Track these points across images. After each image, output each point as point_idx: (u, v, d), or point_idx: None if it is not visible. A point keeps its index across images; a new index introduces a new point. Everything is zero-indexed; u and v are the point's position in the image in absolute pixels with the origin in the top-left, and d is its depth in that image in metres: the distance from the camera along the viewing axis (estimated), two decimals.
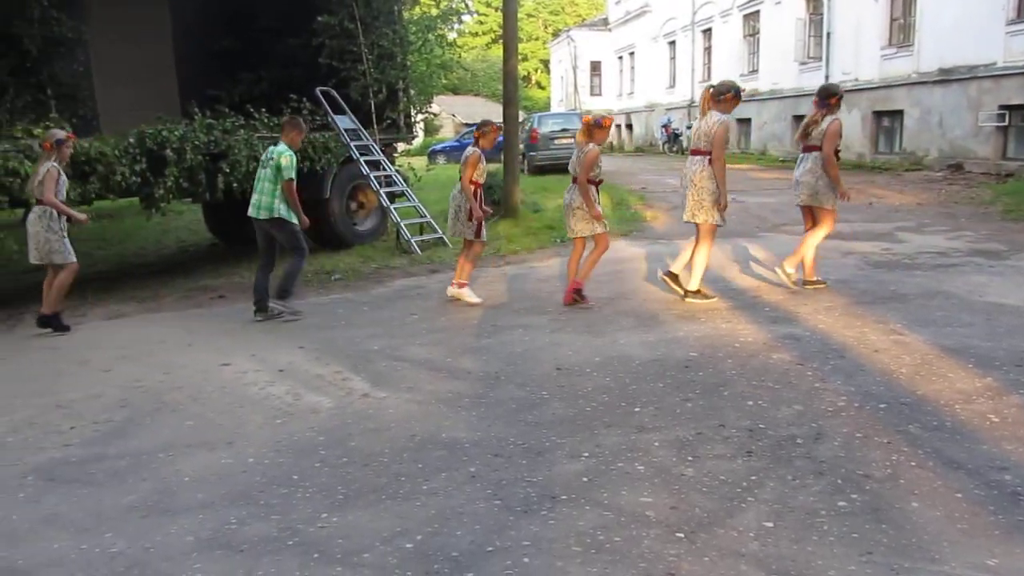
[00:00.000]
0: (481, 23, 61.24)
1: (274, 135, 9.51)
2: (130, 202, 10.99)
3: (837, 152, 6.93)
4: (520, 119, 27.51)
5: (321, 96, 10.76)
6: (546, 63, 57.56)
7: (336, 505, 3.49)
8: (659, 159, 28.31)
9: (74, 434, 4.51)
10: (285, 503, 3.53)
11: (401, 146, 13.42)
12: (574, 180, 6.82)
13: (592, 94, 43.33)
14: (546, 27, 64.05)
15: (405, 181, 11.28)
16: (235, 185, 8.88)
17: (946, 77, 17.26)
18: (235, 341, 6.36)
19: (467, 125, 42.76)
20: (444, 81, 16.21)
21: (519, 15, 14.30)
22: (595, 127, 6.76)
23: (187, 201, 10.86)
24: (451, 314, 6.97)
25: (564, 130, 23.55)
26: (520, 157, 19.34)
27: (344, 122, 10.67)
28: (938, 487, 3.38)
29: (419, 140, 36.18)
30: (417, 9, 14.31)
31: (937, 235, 9.82)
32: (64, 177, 6.84)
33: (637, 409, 4.45)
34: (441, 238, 10.67)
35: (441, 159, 33.99)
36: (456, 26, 14.99)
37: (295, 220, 6.98)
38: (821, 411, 4.28)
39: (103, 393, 5.19)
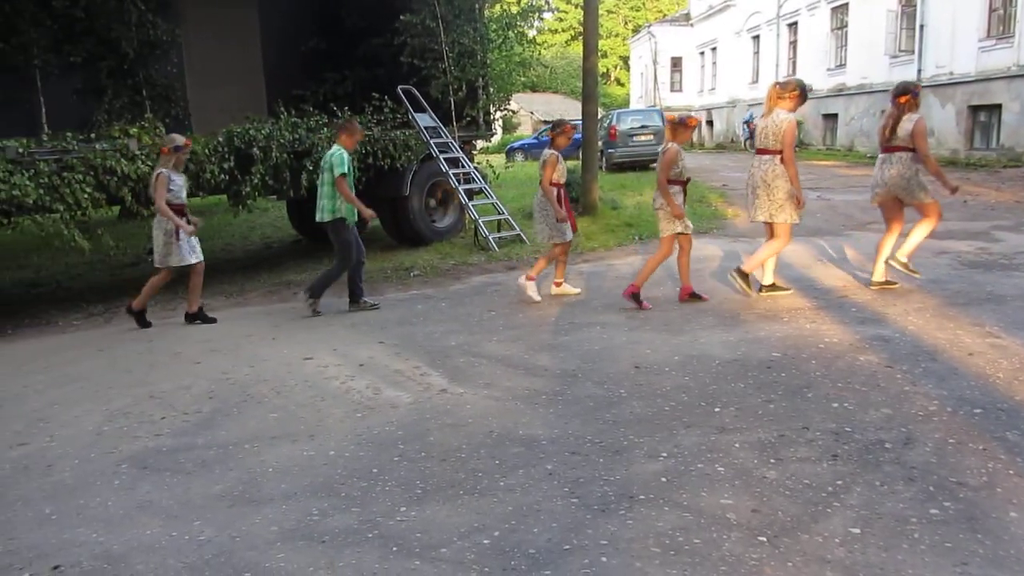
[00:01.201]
0: (561, 20, 61.12)
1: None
2: (218, 199, 11.35)
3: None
4: (599, 116, 27.44)
5: (402, 94, 10.90)
6: (626, 59, 57.12)
7: (415, 499, 3.52)
8: (740, 156, 27.76)
9: (165, 424, 4.67)
10: (365, 496, 3.58)
11: (480, 143, 13.47)
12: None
13: (672, 90, 42.82)
14: (626, 23, 63.52)
15: (483, 178, 11.33)
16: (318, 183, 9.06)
17: None
18: (317, 336, 6.50)
19: (545, 122, 42.77)
20: (523, 79, 16.18)
21: (599, 11, 14.21)
22: (679, 126, 6.66)
23: (272, 198, 11.16)
24: (528, 311, 6.97)
25: (643, 127, 23.37)
26: (599, 154, 19.24)
27: (424, 120, 10.78)
28: None
29: (497, 137, 36.37)
30: (497, 7, 14.34)
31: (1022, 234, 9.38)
32: (179, 180, 7.10)
33: (717, 409, 4.37)
34: (519, 235, 10.69)
35: (519, 156, 34.04)
36: (536, 23, 14.94)
37: (353, 223, 7.16)
38: (911, 415, 4.13)
39: (193, 385, 5.36)
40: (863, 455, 3.70)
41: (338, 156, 7.02)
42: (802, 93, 6.57)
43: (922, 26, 21.11)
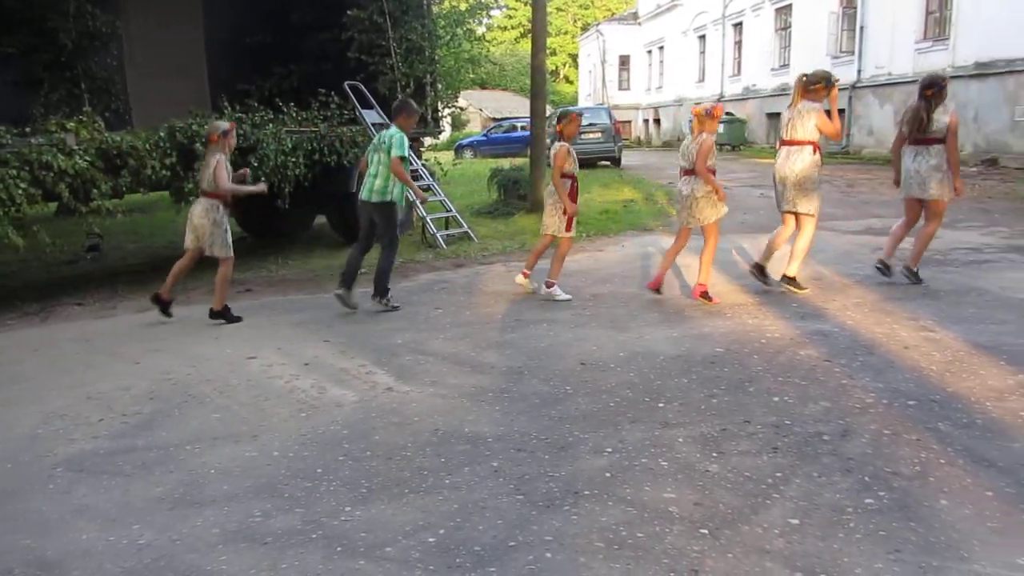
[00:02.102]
0: (510, 17, 61.22)
1: (302, 129, 9.59)
2: (161, 195, 11.11)
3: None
4: (548, 114, 27.51)
5: (349, 90, 10.81)
6: (575, 57, 57.42)
7: (359, 499, 3.50)
8: None
9: (103, 426, 4.56)
10: (309, 496, 3.55)
11: (428, 140, 13.42)
12: (687, 172, 6.72)
13: (620, 88, 43.18)
14: (575, 21, 63.83)
15: (432, 176, 11.29)
16: (263, 179, 8.94)
17: (983, 71, 16.98)
18: (262, 334, 6.41)
19: (494, 120, 42.82)
20: (472, 75, 16.21)
21: (548, 9, 14.26)
22: (706, 117, 6.67)
23: None
24: (476, 308, 6.96)
25: (591, 125, 23.45)
26: (547, 151, 19.32)
27: (372, 116, 10.70)
28: (968, 485, 3.32)
29: (446, 135, 36.27)
30: (447, 3, 14.32)
31: (971, 231, 9.66)
32: (229, 167, 6.96)
33: (661, 405, 4.42)
34: (467, 233, 10.68)
35: (468, 153, 33.98)
36: (485, 20, 14.93)
37: (401, 207, 7.08)
38: (849, 408, 4.23)
39: (132, 385, 5.25)
40: (802, 447, 3.77)
41: (398, 137, 6.83)
42: (828, 85, 6.71)
43: (862, 28, 21.64)
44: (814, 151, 6.62)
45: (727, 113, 29.12)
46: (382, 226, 7.09)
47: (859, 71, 21.77)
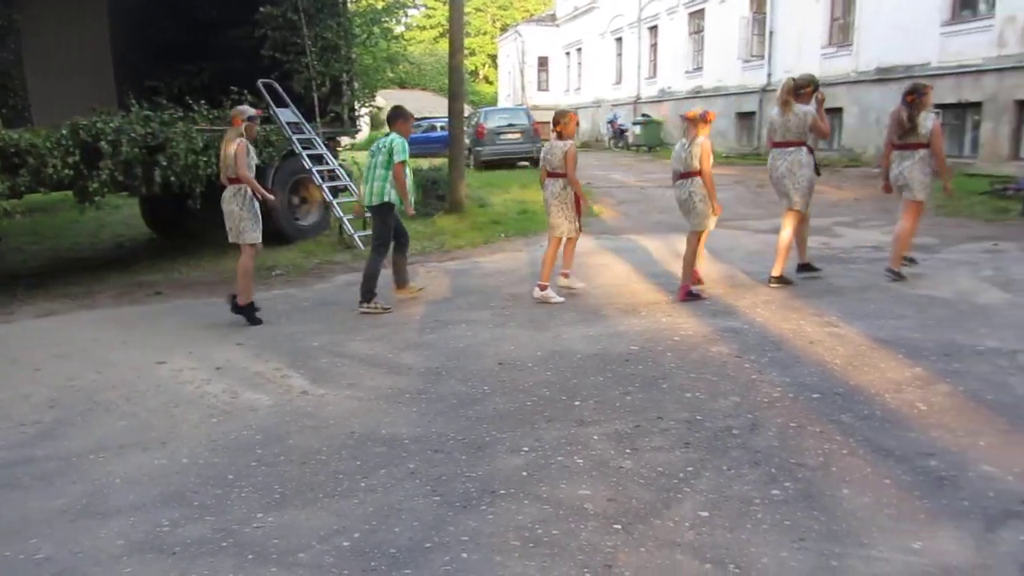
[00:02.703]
0: (429, 16, 60.90)
1: (215, 128, 9.34)
2: (64, 195, 10.69)
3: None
4: (467, 114, 27.40)
5: (263, 89, 10.59)
6: (494, 58, 57.50)
7: (272, 504, 3.44)
8: (606, 155, 28.43)
9: (0, 436, 4.36)
10: (220, 504, 3.47)
11: (345, 140, 13.24)
12: (682, 176, 6.81)
13: (540, 89, 43.41)
14: (494, 22, 63.94)
15: (348, 175, 11.15)
16: (173, 179, 8.69)
17: (884, 76, 17.66)
18: (172, 339, 6.23)
19: (414, 120, 42.45)
20: (390, 75, 16.03)
21: (467, 9, 14.25)
22: (700, 121, 6.77)
23: (124, 195, 10.61)
24: (394, 309, 6.91)
25: (511, 125, 23.56)
26: (466, 152, 19.29)
27: (286, 115, 10.51)
28: (868, 474, 3.46)
29: (364, 134, 35.83)
30: (363, 1, 14.16)
31: (873, 230, 10.05)
32: (253, 153, 6.73)
33: (578, 403, 4.47)
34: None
35: None
36: (403, 19, 14.84)
37: (395, 210, 6.99)
38: (757, 402, 4.35)
39: (32, 393, 5.04)
40: (712, 442, 3.87)
41: (399, 143, 6.84)
42: (816, 88, 7.07)
43: (771, 32, 22.25)
44: (809, 151, 6.97)
45: (643, 115, 29.66)
46: (377, 227, 7.08)
47: (769, 75, 22.37)
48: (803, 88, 7.02)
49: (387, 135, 7.02)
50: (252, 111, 6.88)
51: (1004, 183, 12.14)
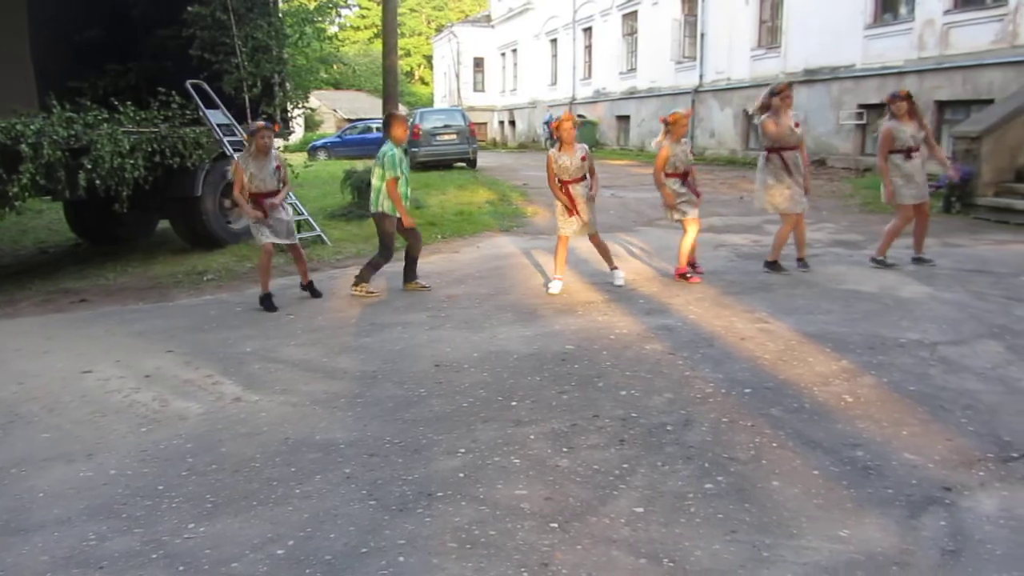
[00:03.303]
0: (363, 17, 60.44)
1: (141, 130, 9.12)
2: None
3: (892, 152, 7.44)
4: (404, 115, 27.18)
5: (192, 90, 10.36)
6: (430, 59, 57.34)
7: (204, 514, 3.37)
8: (542, 155, 28.59)
9: None
10: (149, 515, 3.38)
11: (279, 142, 13.03)
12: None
13: (476, 90, 43.45)
14: (429, 22, 63.78)
15: None
16: (99, 182, 8.44)
17: (811, 77, 18.13)
18: (98, 347, 6.05)
19: (349, 120, 42.17)
20: (324, 76, 15.87)
21: (401, 10, 14.17)
22: (674, 124, 7.30)
23: (47, 199, 10.28)
24: (329, 313, 6.84)
25: (447, 126, 23.52)
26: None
27: (217, 117, 10.30)
28: (797, 466, 3.55)
29: (299, 136, 35.35)
30: (295, 1, 13.97)
31: None
32: (256, 165, 7.00)
33: (514, 403, 4.48)
34: (320, 236, 10.46)
35: (322, 155, 33.28)
36: (336, 20, 14.70)
37: (391, 218, 7.35)
38: (691, 398, 4.42)
39: None
40: (647, 438, 3.92)
41: (389, 157, 7.12)
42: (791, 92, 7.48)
43: (703, 35, 22.67)
44: (766, 156, 7.54)
45: (579, 115, 29.86)
46: (378, 233, 7.53)
47: (701, 76, 22.80)
48: (790, 96, 7.44)
49: (384, 147, 7.30)
50: (256, 125, 7.19)
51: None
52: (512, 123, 39.81)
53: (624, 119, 28.13)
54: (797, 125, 7.42)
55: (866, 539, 2.95)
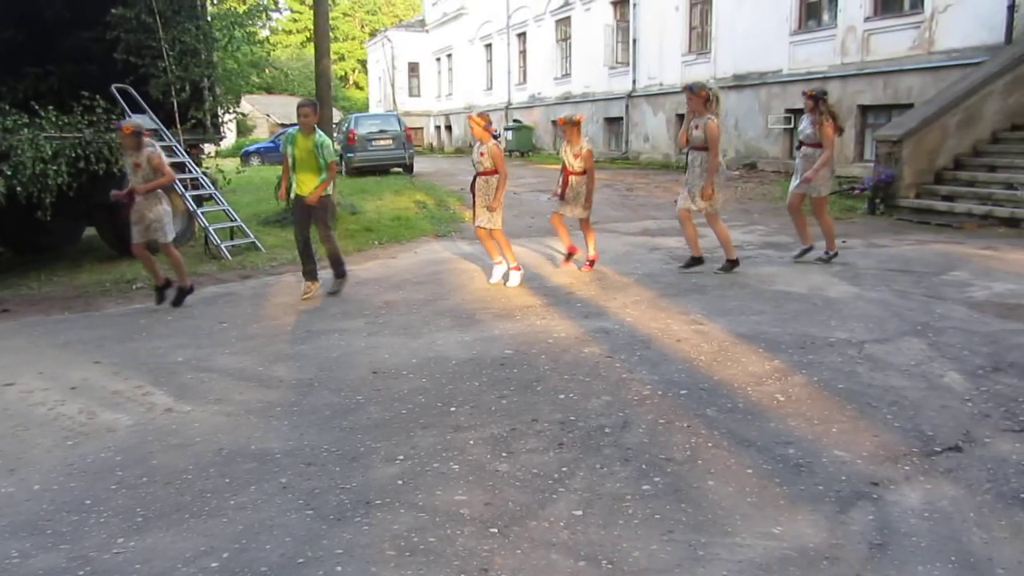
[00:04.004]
0: (296, 20, 59.66)
1: (64, 135, 8.84)
2: None
3: None
4: (337, 120, 26.94)
5: (117, 94, 10.10)
6: (364, 63, 56.90)
7: (134, 528, 3.27)
8: None
9: None
10: (76, 530, 3.28)
11: (209, 147, 12.77)
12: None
13: (411, 95, 43.27)
14: (363, 27, 63.31)
15: (213, 184, 10.78)
16: (20, 189, 8.16)
17: (740, 83, 18.53)
18: (21, 359, 5.84)
19: (282, 125, 41.55)
20: (256, 80, 15.56)
21: (334, 13, 14.02)
22: (567, 124, 7.87)
23: None
24: (264, 321, 6.72)
25: (382, 132, 23.37)
26: (337, 159, 19.04)
27: (144, 121, 10.04)
28: (732, 465, 3.61)
29: (230, 141, 34.69)
30: (224, 4, 13.70)
31: (733, 230, 10.44)
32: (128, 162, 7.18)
33: (453, 409, 4.47)
34: (254, 242, 10.28)
35: (255, 160, 32.73)
36: (268, 23, 14.45)
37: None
38: (628, 400, 4.47)
39: None
40: (586, 441, 3.95)
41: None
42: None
43: (635, 40, 22.98)
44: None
45: (515, 120, 29.98)
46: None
47: (634, 81, 23.10)
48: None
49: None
50: (121, 123, 7.26)
51: (851, 183, 12.95)
52: (448, 128, 39.75)
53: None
54: (697, 127, 7.57)
55: (798, 535, 3.02)
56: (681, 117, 21.07)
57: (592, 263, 8.17)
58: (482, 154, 7.51)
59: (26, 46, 10.92)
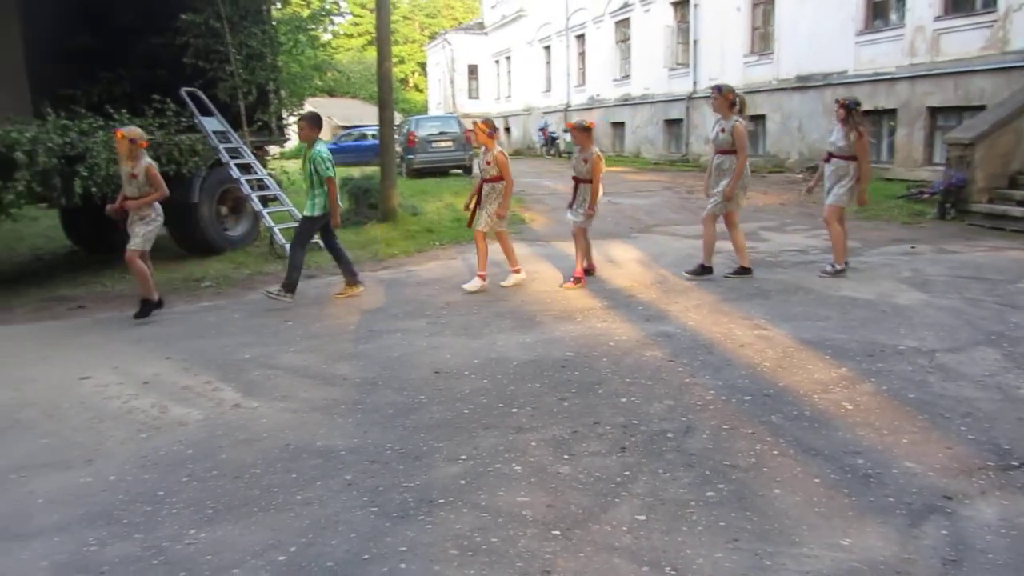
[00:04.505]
0: (356, 24, 60.46)
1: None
2: None
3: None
4: (397, 122, 27.21)
5: (187, 97, 10.37)
6: (424, 66, 57.40)
7: (205, 520, 3.36)
8: (537, 162, 28.67)
9: None
10: (149, 521, 3.37)
11: (274, 149, 13.03)
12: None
13: (470, 97, 43.50)
14: (423, 30, 63.86)
15: (278, 185, 10.99)
16: (94, 189, 8.42)
17: (803, 84, 18.20)
18: (96, 354, 6.03)
19: (343, 128, 42.16)
20: (318, 83, 15.83)
21: (395, 17, 14.19)
22: (577, 130, 7.74)
23: (42, 206, 10.24)
24: (327, 320, 6.83)
25: (442, 133, 23.53)
26: (398, 160, 19.22)
27: (212, 124, 10.30)
28: (798, 473, 3.55)
29: (293, 143, 35.21)
30: (288, 9, 13.96)
31: (797, 234, 10.33)
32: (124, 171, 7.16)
33: (515, 410, 4.48)
34: (316, 243, 10.44)
35: None
36: (330, 27, 14.67)
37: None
38: (691, 405, 4.43)
39: None
40: (648, 445, 3.92)
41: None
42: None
43: (695, 41, 22.74)
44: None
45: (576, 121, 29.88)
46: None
47: (694, 83, 22.86)
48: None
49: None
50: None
51: (919, 187, 12.63)
52: (507, 130, 39.85)
53: (619, 125, 28.17)
54: (723, 131, 7.52)
55: (867, 547, 2.96)
56: None
57: (578, 279, 7.63)
58: (488, 162, 7.56)
59: (100, 52, 11.28)
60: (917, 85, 14.89)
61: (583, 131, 7.68)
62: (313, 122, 7.38)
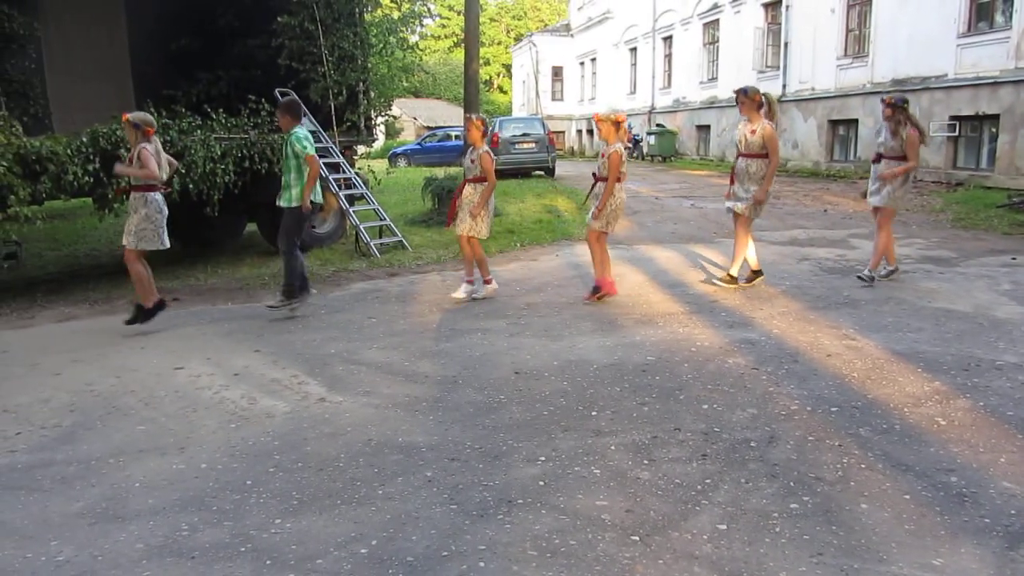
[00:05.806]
0: (444, 26, 61.25)
1: (231, 136, 9.42)
2: (83, 202, 10.80)
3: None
4: None
5: (280, 97, 10.66)
6: (508, 67, 57.68)
7: (290, 511, 3.45)
8: None
9: (20, 440, 4.40)
10: (238, 509, 3.49)
11: (361, 149, 13.30)
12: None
13: (554, 99, 43.48)
14: (509, 32, 64.19)
15: (365, 184, 11.21)
16: (191, 186, 8.75)
17: (900, 88, 17.59)
18: (189, 344, 6.27)
19: (428, 128, 42.72)
20: (405, 84, 16.13)
21: (481, 19, 14.31)
22: (607, 122, 7.23)
23: None
24: (410, 318, 6.93)
25: (525, 135, 23.57)
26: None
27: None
28: (887, 489, 3.44)
29: (380, 143, 35.92)
30: (379, 11, 14.24)
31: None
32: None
33: (594, 413, 4.47)
34: (401, 241, 10.62)
35: (402, 162, 33.76)
36: (418, 29, 14.94)
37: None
38: (775, 415, 4.34)
39: (52, 397, 5.08)
40: (730, 454, 3.86)
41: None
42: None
43: (786, 43, 22.24)
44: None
45: (658, 125, 29.64)
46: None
47: (784, 86, 22.36)
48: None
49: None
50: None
51: (1022, 196, 12.08)
52: (590, 132, 39.69)
53: (704, 129, 27.77)
54: (753, 132, 7.39)
55: (961, 569, 2.84)
56: (834, 124, 20.30)
57: (598, 291, 7.20)
58: (473, 160, 7.44)
59: (200, 53, 11.72)
60: (1022, 90, 14.24)
61: (612, 124, 7.10)
62: (289, 110, 7.12)
